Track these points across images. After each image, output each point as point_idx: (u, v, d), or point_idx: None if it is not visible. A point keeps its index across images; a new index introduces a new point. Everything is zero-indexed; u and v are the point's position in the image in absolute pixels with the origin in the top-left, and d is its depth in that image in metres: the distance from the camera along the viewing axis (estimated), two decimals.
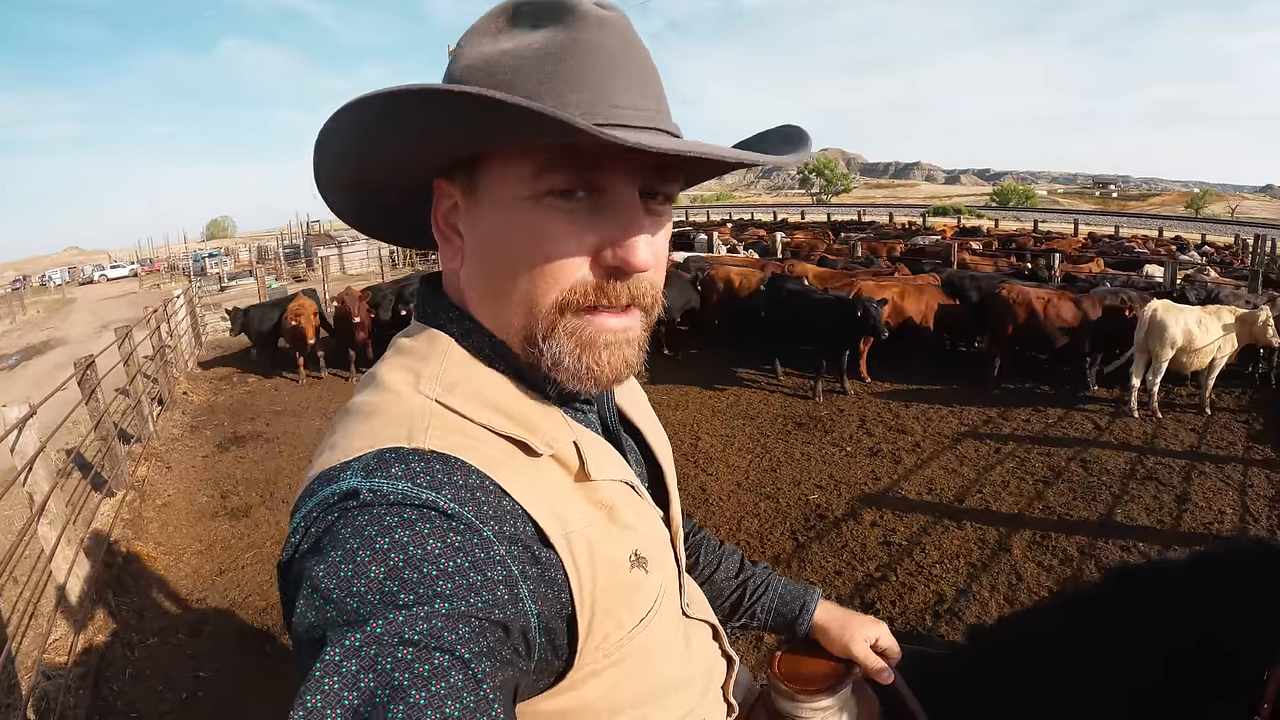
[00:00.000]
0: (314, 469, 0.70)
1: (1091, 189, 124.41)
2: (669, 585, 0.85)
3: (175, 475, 7.35)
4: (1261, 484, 6.06)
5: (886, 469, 6.66)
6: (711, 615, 1.01)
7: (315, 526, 0.63)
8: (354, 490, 0.63)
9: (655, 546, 0.82)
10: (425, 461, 0.65)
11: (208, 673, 4.07)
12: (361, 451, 0.67)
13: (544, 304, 0.72)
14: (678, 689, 0.86)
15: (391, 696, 0.50)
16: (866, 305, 8.42)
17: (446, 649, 0.54)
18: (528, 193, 0.69)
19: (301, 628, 0.57)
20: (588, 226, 0.70)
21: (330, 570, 0.57)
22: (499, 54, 0.70)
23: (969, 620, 4.11)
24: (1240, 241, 28.25)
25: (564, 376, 0.74)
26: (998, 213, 61.73)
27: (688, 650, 0.89)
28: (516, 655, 0.62)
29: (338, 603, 0.56)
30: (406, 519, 0.60)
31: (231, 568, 5.26)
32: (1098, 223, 47.94)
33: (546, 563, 0.68)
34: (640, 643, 0.76)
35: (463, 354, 0.77)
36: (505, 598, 0.61)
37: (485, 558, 0.62)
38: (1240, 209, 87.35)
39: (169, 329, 11.25)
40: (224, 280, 29.03)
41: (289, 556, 0.64)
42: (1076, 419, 7.86)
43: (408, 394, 0.73)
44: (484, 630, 0.58)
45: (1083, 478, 6.28)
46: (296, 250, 33.94)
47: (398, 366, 0.77)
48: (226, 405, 10.08)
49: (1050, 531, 5.27)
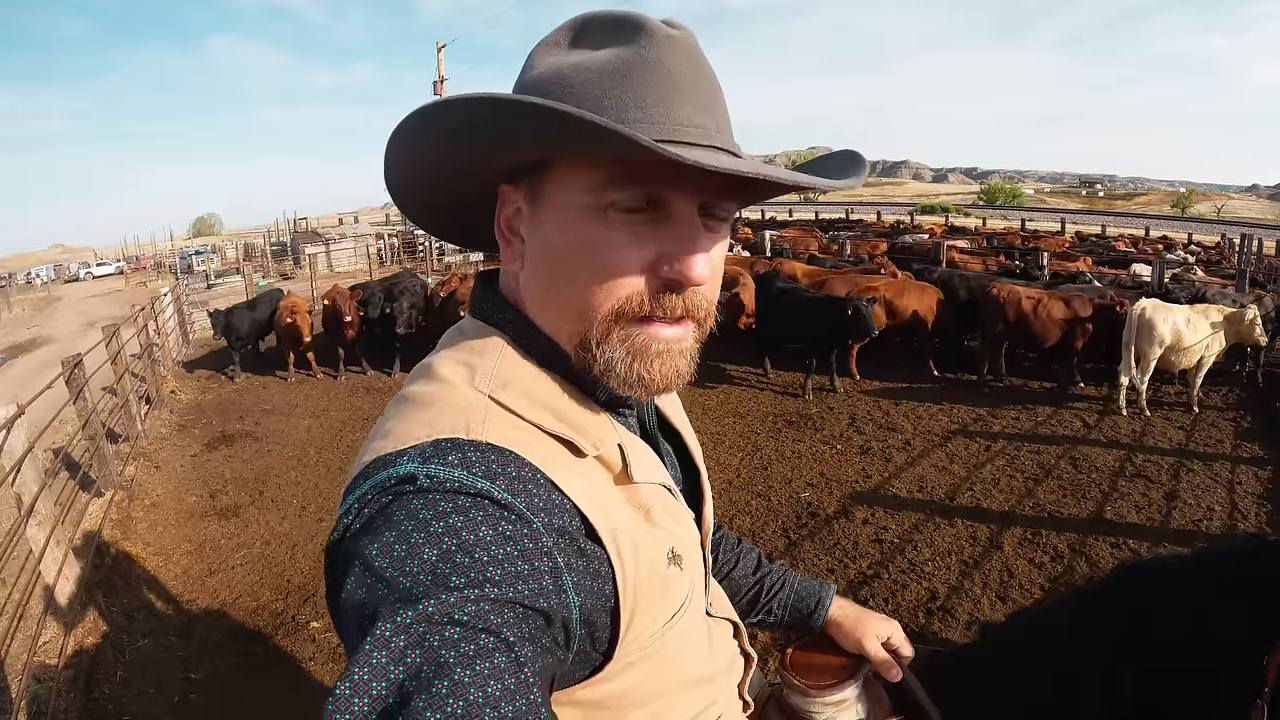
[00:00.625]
0: (368, 454, 0.72)
1: (1078, 188, 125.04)
2: (697, 584, 0.87)
3: (164, 475, 7.30)
4: (1250, 481, 6.11)
5: (877, 467, 6.68)
6: (733, 613, 1.04)
7: (369, 508, 0.64)
8: (411, 475, 0.64)
9: (688, 547, 0.84)
10: (481, 452, 0.67)
11: (199, 675, 4.04)
12: (419, 440, 0.69)
13: (600, 311, 0.73)
14: (700, 684, 0.89)
15: (437, 672, 0.52)
16: (856, 303, 8.45)
17: (492, 631, 0.56)
18: (592, 202, 0.71)
19: (351, 604, 0.59)
20: (648, 239, 0.72)
21: (384, 550, 0.59)
22: (569, 66, 0.73)
23: (961, 617, 4.13)
24: (1226, 241, 28.47)
25: (615, 382, 0.76)
26: (985, 211, 61.95)
27: (711, 647, 0.92)
28: (556, 644, 0.64)
29: (390, 581, 0.57)
30: (461, 505, 0.62)
31: (221, 568, 5.24)
32: (1085, 222, 48.21)
33: (592, 556, 0.70)
34: (670, 638, 0.79)
35: (516, 353, 0.79)
36: (550, 588, 0.63)
37: (534, 548, 0.63)
38: (1226, 209, 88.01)
39: (156, 327, 11.18)
40: (211, 278, 28.88)
41: (340, 535, 0.65)
42: (1066, 417, 7.91)
43: (463, 388, 0.75)
44: (528, 617, 0.60)
45: (1072, 475, 6.32)
46: (284, 247, 33.79)
47: (452, 360, 0.79)
48: (214, 404, 10.02)
49: (1041, 529, 5.30)
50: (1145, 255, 18.92)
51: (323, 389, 10.43)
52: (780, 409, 8.46)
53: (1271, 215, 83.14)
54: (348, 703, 0.51)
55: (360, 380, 10.74)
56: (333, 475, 7.05)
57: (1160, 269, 11.95)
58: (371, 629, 0.54)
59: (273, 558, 5.36)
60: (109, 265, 48.72)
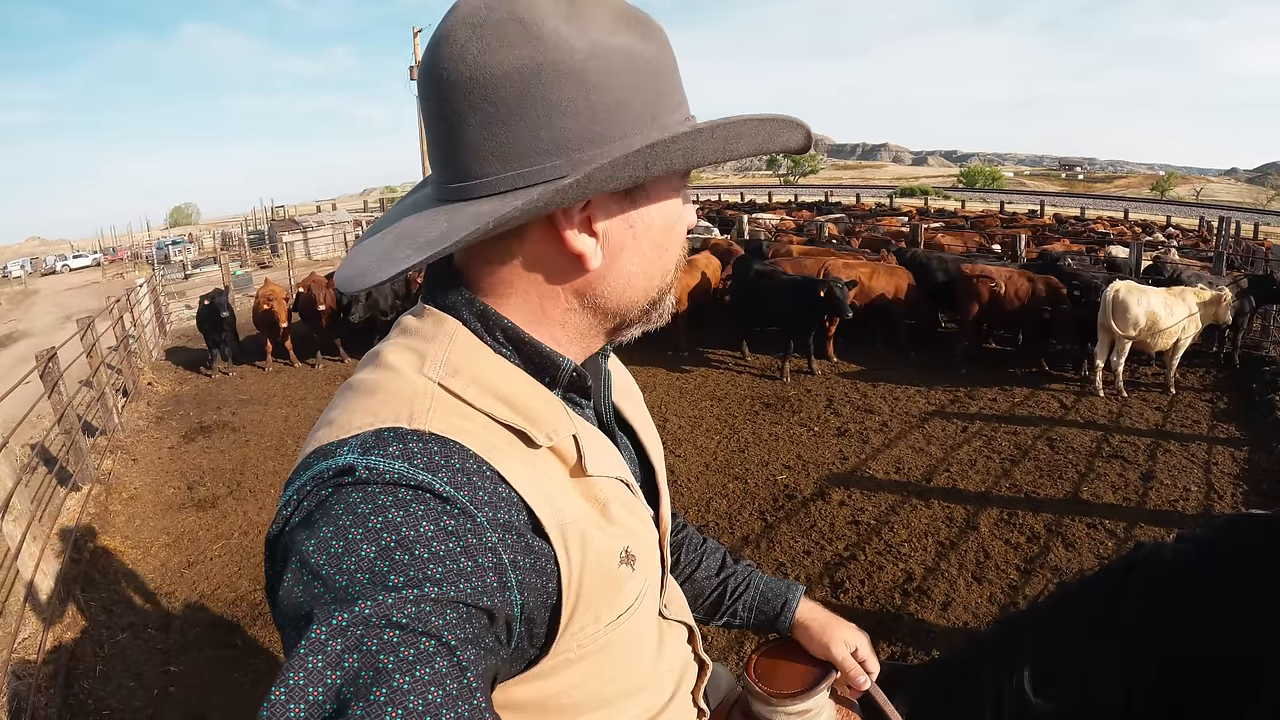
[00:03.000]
0: (310, 444, 0.70)
1: (1058, 171, 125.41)
2: (651, 584, 0.85)
3: (141, 467, 7.26)
4: (1226, 462, 6.18)
5: (854, 449, 6.73)
6: (689, 617, 1.01)
7: (308, 500, 0.62)
8: (350, 467, 0.62)
9: (644, 545, 0.82)
10: (424, 443, 0.65)
11: (179, 667, 4.04)
12: (360, 429, 0.67)
13: (674, 263, 0.84)
14: (645, 690, 0.87)
15: (375, 679, 0.50)
16: (830, 285, 8.48)
17: (433, 634, 0.54)
18: (680, 184, 0.81)
19: (288, 603, 0.57)
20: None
21: (320, 546, 0.57)
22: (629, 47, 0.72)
23: (938, 598, 4.17)
24: (1205, 223, 28.73)
25: (656, 318, 0.86)
26: (965, 194, 62.12)
27: (660, 651, 0.90)
28: (498, 643, 0.62)
29: (326, 579, 0.56)
30: (401, 499, 0.60)
31: (200, 560, 5.23)
32: (1064, 204, 48.35)
33: (539, 553, 0.68)
34: (614, 638, 0.77)
35: (469, 338, 0.76)
36: (494, 585, 0.61)
37: (477, 544, 0.62)
38: (1205, 192, 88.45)
39: (132, 319, 11.08)
40: (188, 268, 28.64)
41: (279, 529, 0.63)
42: (1043, 398, 7.98)
43: (410, 375, 0.73)
44: (471, 617, 0.58)
45: (1049, 456, 6.38)
46: (261, 236, 33.53)
47: (402, 347, 0.77)
48: (192, 395, 9.97)
49: (1017, 509, 5.35)
50: (1123, 238, 19.09)
51: (300, 378, 10.41)
52: (758, 392, 8.50)
53: (1250, 198, 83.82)
54: (282, 709, 0.50)
55: (338, 369, 10.73)
56: None
57: (1138, 251, 12.04)
58: (307, 631, 0.53)
59: (251, 548, 5.35)
60: (86, 257, 48.09)
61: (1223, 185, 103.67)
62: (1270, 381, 8.03)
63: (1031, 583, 4.34)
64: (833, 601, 4.23)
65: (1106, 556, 4.61)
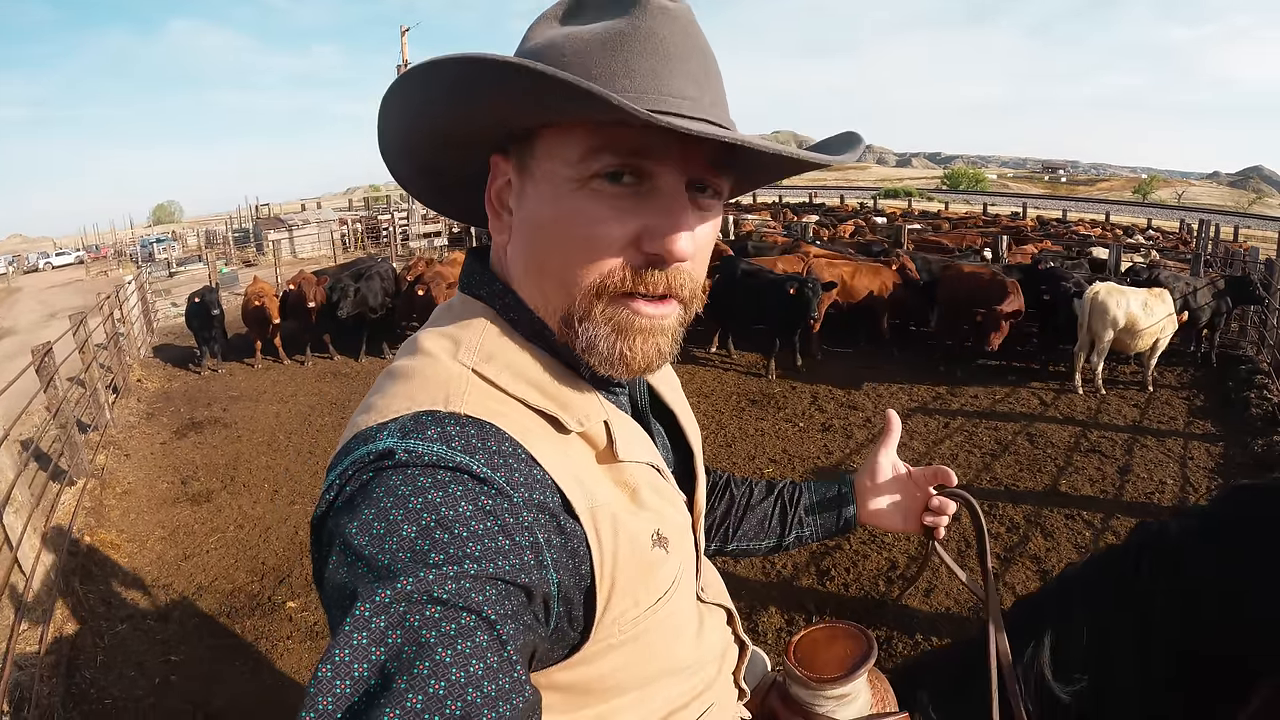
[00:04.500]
0: (351, 429, 0.71)
1: (1041, 174, 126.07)
2: (687, 568, 0.85)
3: (134, 463, 7.29)
4: (1202, 456, 6.33)
5: (839, 443, 6.86)
6: (727, 599, 1.01)
7: (350, 484, 0.64)
8: (389, 450, 0.64)
9: (675, 529, 0.82)
10: (460, 426, 0.67)
11: (179, 657, 4.10)
12: (398, 413, 0.68)
13: (582, 286, 0.73)
14: (688, 671, 0.87)
15: (418, 653, 0.52)
16: (800, 283, 8.62)
17: (473, 609, 0.55)
18: (574, 174, 0.71)
19: (333, 583, 0.59)
20: (630, 212, 0.72)
21: (363, 527, 0.59)
22: (561, 37, 0.73)
23: (920, 585, 4.29)
24: (1185, 226, 29.06)
25: (596, 360, 0.75)
26: (948, 196, 62.53)
27: (700, 634, 0.90)
28: (536, 620, 0.63)
29: (369, 559, 0.57)
30: (440, 480, 0.62)
31: (196, 552, 5.28)
32: (1047, 206, 48.77)
33: (571, 533, 0.69)
34: (655, 622, 0.77)
35: (502, 327, 0.78)
36: (531, 563, 0.63)
37: (514, 523, 0.63)
38: (1187, 195, 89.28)
39: (121, 316, 11.08)
40: (173, 266, 28.44)
41: (322, 512, 0.65)
42: (1023, 395, 8.13)
43: (446, 360, 0.74)
44: (510, 593, 0.59)
45: (1029, 451, 6.52)
46: (246, 234, 33.30)
47: (438, 334, 0.79)
48: (181, 391, 9.99)
49: (998, 501, 5.48)
50: (1104, 240, 19.33)
51: (290, 375, 10.44)
52: (744, 388, 8.62)
53: (1232, 202, 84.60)
54: (329, 685, 0.51)
55: (327, 365, 10.76)
56: (303, 459, 7.10)
57: (1117, 253, 12.23)
58: (351, 609, 0.54)
59: (246, 541, 5.42)
60: (69, 254, 47.58)
61: (1205, 189, 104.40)
62: (1246, 379, 8.18)
63: (1011, 571, 4.48)
64: (819, 589, 4.35)
65: (1084, 546, 4.75)
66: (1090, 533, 4.95)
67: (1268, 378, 8.13)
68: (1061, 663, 1.11)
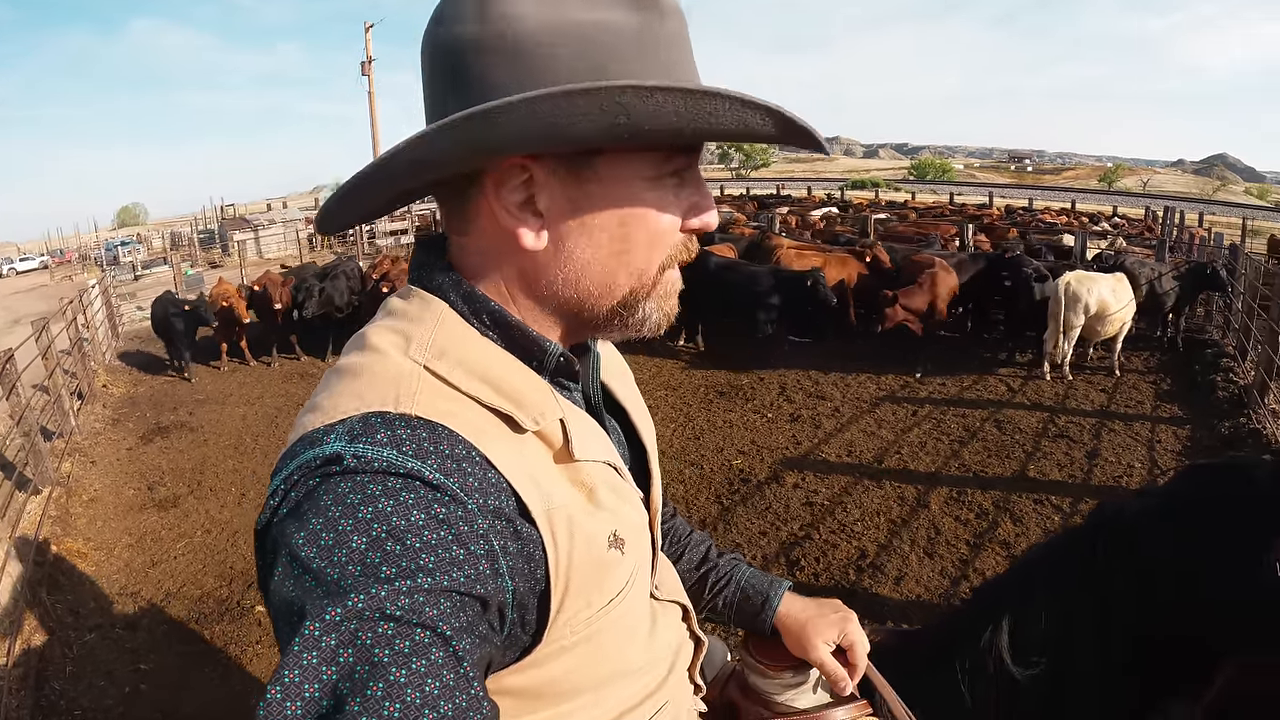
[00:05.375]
0: (297, 430, 0.69)
1: (1007, 163, 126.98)
2: (642, 567, 0.84)
3: (100, 469, 7.20)
4: (1169, 439, 6.46)
5: (807, 433, 6.91)
6: (683, 595, 1.00)
7: (296, 490, 0.61)
8: (337, 455, 0.61)
9: (632, 528, 0.81)
10: (411, 428, 0.64)
11: (148, 665, 4.07)
12: (346, 414, 0.66)
13: (653, 269, 0.77)
14: (640, 671, 0.85)
15: (371, 673, 0.50)
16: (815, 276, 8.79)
17: (428, 625, 0.54)
18: (653, 174, 0.73)
19: (279, 597, 0.57)
20: (683, 197, 0.77)
21: (310, 538, 0.57)
22: (591, 25, 0.67)
23: (891, 574, 4.33)
24: (1150, 214, 29.46)
25: (647, 328, 0.80)
26: (915, 186, 62.77)
27: (653, 632, 0.88)
28: (492, 630, 0.62)
29: (317, 573, 0.55)
30: (390, 488, 0.59)
31: (164, 559, 5.24)
32: (1013, 196, 49.08)
33: (527, 538, 0.67)
34: (607, 623, 0.76)
35: (457, 321, 0.75)
36: (487, 572, 0.61)
37: (469, 531, 0.61)
38: (1152, 183, 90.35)
39: (85, 320, 10.91)
40: (138, 269, 28.03)
41: (266, 520, 0.63)
42: (990, 382, 8.24)
43: (396, 357, 0.71)
44: (465, 605, 0.58)
45: (997, 437, 6.61)
46: (212, 235, 32.89)
47: (387, 329, 0.75)
48: (147, 396, 9.87)
49: (966, 488, 5.56)
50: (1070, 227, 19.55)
51: (256, 377, 10.36)
52: (712, 381, 8.66)
53: (1196, 189, 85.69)
54: (279, 707, 0.49)
55: (294, 366, 10.69)
56: (270, 462, 6.94)
57: (1083, 240, 12.38)
58: (301, 627, 0.52)
59: (214, 546, 5.38)
60: (32, 259, 46.66)
61: (1169, 176, 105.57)
62: (1212, 363, 8.37)
63: (981, 557, 4.53)
64: (789, 579, 4.36)
65: (1053, 530, 4.81)
66: (1059, 517, 5.02)
67: (1233, 361, 8.31)
68: (1020, 646, 1.13)
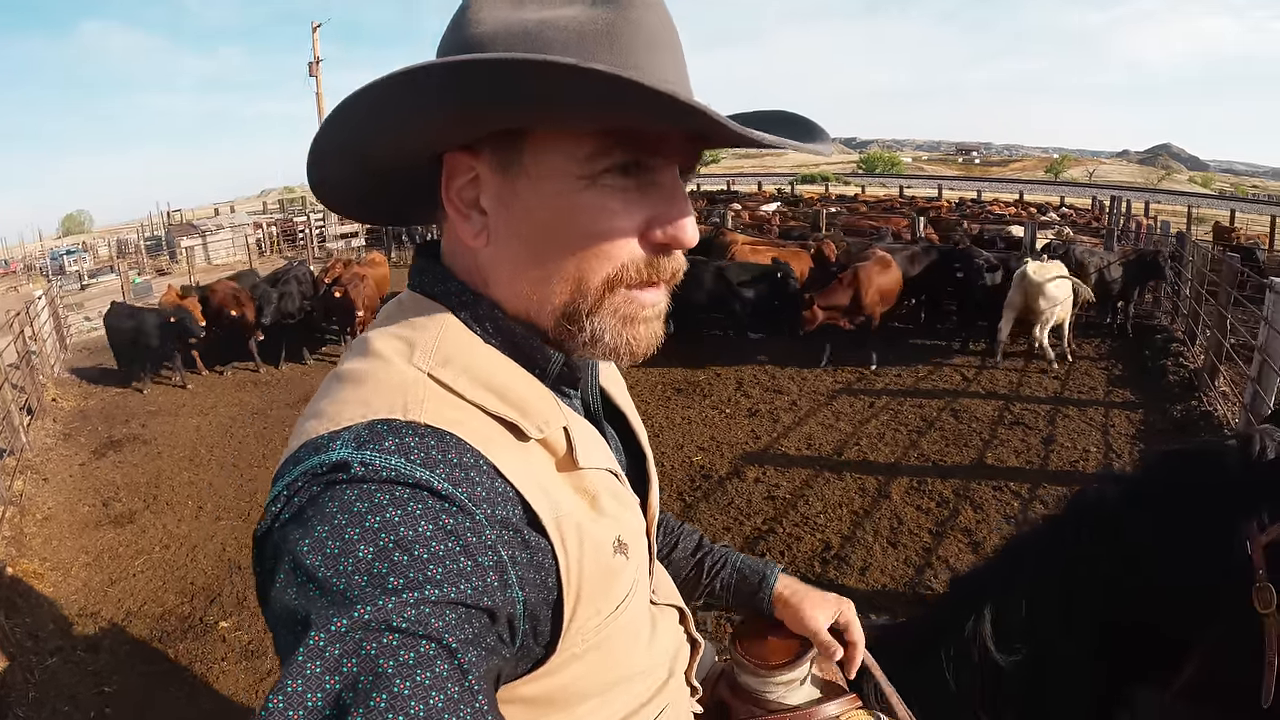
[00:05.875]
0: (299, 436, 0.67)
1: (955, 155, 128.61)
2: (642, 572, 0.85)
3: (53, 486, 7.04)
4: (1122, 424, 6.64)
5: (766, 428, 6.99)
6: (678, 599, 1.00)
7: (299, 497, 0.60)
8: (344, 462, 0.60)
9: (634, 534, 0.81)
10: (420, 436, 0.63)
11: (113, 688, 3.99)
12: (352, 421, 0.65)
13: (594, 281, 0.71)
14: (642, 674, 0.85)
15: (374, 684, 0.49)
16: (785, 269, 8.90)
17: (433, 637, 0.53)
18: (583, 171, 0.68)
19: (281, 605, 0.55)
20: (637, 204, 0.70)
21: (315, 546, 0.56)
22: (536, 23, 0.67)
23: (856, 564, 4.41)
24: (1097, 203, 30.14)
25: (600, 351, 0.74)
26: (865, 179, 63.39)
27: (654, 636, 0.89)
28: (501, 642, 0.61)
29: (322, 582, 0.54)
30: (398, 497, 0.59)
31: (122, 577, 5.14)
32: (962, 187, 49.86)
33: (536, 547, 0.67)
34: (615, 629, 0.76)
35: (459, 328, 0.75)
36: (495, 584, 0.60)
37: (477, 542, 0.60)
38: (1097, 173, 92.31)
39: (33, 333, 10.65)
40: (84, 278, 27.34)
41: (268, 526, 0.61)
42: (945, 372, 8.39)
43: (399, 364, 0.70)
44: (472, 618, 0.57)
45: (954, 426, 6.74)
46: (159, 242, 32.18)
47: (390, 335, 0.74)
48: (98, 409, 9.64)
49: (926, 477, 5.66)
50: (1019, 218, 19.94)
51: (209, 386, 10.17)
52: (669, 378, 8.67)
53: (1141, 178, 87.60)
54: (281, 715, 0.48)
55: (247, 375, 10.50)
56: (226, 473, 6.94)
57: (1032, 230, 12.64)
58: (305, 636, 0.51)
59: (173, 561, 5.29)
60: None
61: (1115, 167, 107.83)
62: (1162, 348, 8.58)
63: (943, 544, 4.62)
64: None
65: (1013, 516, 4.94)
66: (1018, 503, 5.14)
67: (1183, 346, 8.54)
68: (1003, 633, 1.16)
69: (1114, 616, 1.11)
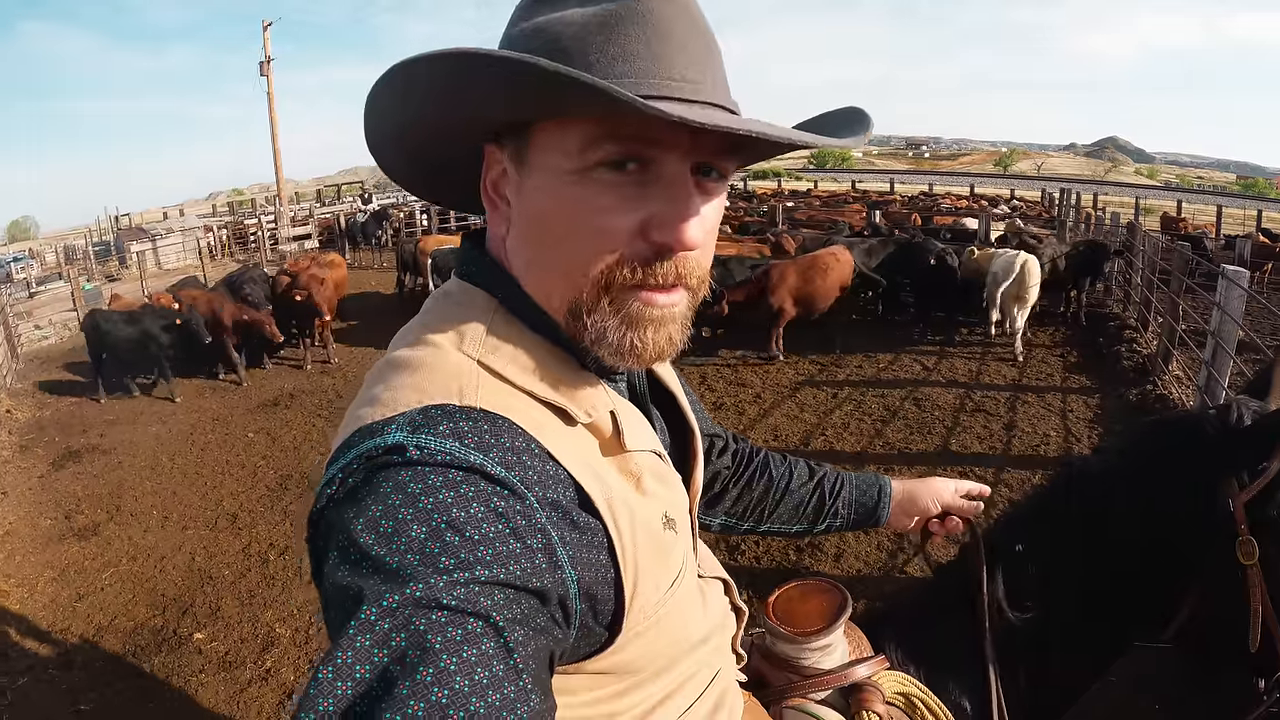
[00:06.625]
0: (352, 423, 0.69)
1: (905, 150, 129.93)
2: (689, 546, 0.86)
3: (12, 501, 6.86)
4: (1080, 409, 6.81)
5: (730, 421, 7.04)
6: (721, 570, 1.01)
7: (354, 478, 0.62)
8: (400, 445, 0.62)
9: (679, 511, 0.82)
10: (474, 421, 0.65)
11: (89, 705, 3.92)
12: (407, 406, 0.66)
13: (588, 278, 0.71)
14: (698, 646, 0.87)
15: (422, 658, 0.50)
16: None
17: (481, 615, 0.54)
18: (575, 165, 0.68)
19: (334, 581, 0.56)
20: (635, 200, 0.69)
21: (370, 525, 0.57)
22: (547, 21, 0.69)
23: (830, 551, 4.49)
24: (1047, 195, 30.79)
25: (606, 352, 0.73)
26: (816, 174, 63.91)
27: (706, 607, 0.91)
28: (553, 623, 0.61)
29: (375, 560, 0.55)
30: (452, 480, 0.60)
31: (90, 591, 5.04)
32: (913, 181, 50.61)
33: (587, 528, 0.68)
34: (673, 604, 0.77)
35: (506, 317, 0.76)
36: (544, 565, 0.61)
37: (527, 525, 0.61)
38: (1046, 166, 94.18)
39: None
40: (32, 285, 26.62)
41: (322, 506, 0.63)
42: (906, 361, 8.54)
43: (452, 351, 0.72)
44: (521, 599, 0.58)
45: (917, 414, 6.87)
46: (107, 247, 31.43)
47: (440, 323, 0.76)
48: (54, 419, 9.42)
49: (893, 464, 5.78)
50: (972, 210, 20.34)
51: (166, 392, 9.90)
52: None
53: (1089, 171, 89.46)
54: (330, 686, 0.49)
55: (206, 380, 10.26)
56: (190, 481, 6.80)
57: (986, 222, 12.91)
58: (356, 611, 0.52)
59: (142, 573, 5.20)
60: None
61: (1063, 159, 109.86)
62: (1116, 334, 8.82)
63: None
64: (731, 564, 4.47)
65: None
66: None
67: (1135, 332, 8.77)
68: (1013, 594, 1.24)
69: (1108, 574, 1.19)
